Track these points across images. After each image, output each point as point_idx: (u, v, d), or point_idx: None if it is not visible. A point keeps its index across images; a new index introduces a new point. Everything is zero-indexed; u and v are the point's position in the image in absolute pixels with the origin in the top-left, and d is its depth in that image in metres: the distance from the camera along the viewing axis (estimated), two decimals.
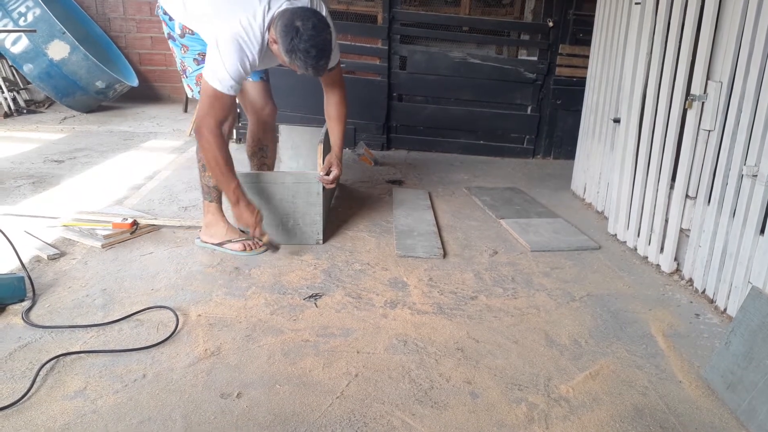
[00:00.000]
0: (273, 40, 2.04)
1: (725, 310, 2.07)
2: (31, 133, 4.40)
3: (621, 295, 2.23)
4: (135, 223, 2.52)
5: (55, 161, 3.63)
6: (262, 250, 2.42)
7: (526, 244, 2.65)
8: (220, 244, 2.39)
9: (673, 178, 2.42)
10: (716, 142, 2.14)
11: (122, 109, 5.55)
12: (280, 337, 1.82)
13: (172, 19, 2.22)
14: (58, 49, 4.82)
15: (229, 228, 2.41)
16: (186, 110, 5.54)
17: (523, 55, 4.58)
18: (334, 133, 2.51)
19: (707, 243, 2.18)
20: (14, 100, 5.03)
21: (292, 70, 2.09)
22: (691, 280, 2.32)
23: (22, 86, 5.24)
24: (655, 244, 2.51)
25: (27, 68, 4.87)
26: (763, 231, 1.92)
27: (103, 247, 2.37)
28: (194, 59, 2.28)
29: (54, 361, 1.62)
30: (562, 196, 3.50)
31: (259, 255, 2.39)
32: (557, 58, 4.19)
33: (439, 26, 4.35)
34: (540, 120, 4.36)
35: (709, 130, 2.17)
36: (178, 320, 1.86)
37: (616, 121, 2.93)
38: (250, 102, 2.53)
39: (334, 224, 2.78)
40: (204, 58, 2.24)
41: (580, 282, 2.33)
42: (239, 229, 2.45)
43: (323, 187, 2.45)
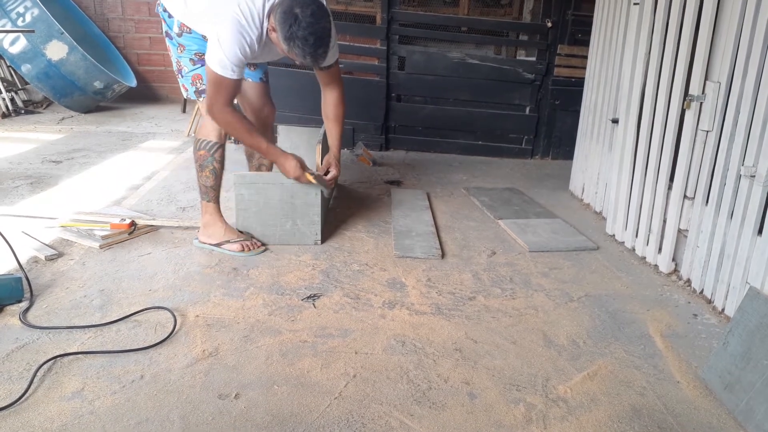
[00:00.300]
0: (272, 28, 2.04)
1: (723, 310, 2.08)
2: (29, 133, 4.39)
3: (619, 296, 2.23)
4: (133, 224, 2.52)
5: (53, 162, 3.63)
6: (261, 251, 2.42)
7: (524, 245, 2.65)
8: (218, 245, 2.39)
9: (672, 179, 2.42)
10: (714, 143, 2.14)
11: (120, 109, 5.54)
12: (279, 337, 1.82)
13: (171, 16, 2.22)
14: (57, 50, 4.81)
15: (227, 228, 2.41)
16: (184, 111, 5.53)
17: (522, 56, 4.59)
18: (333, 133, 2.51)
19: (705, 243, 2.18)
20: (12, 100, 5.03)
21: (291, 59, 2.09)
22: (689, 281, 2.32)
23: (20, 86, 5.24)
24: (653, 244, 2.51)
25: (25, 68, 4.87)
26: (761, 231, 1.92)
27: (101, 247, 2.36)
28: (190, 59, 2.28)
29: (51, 362, 1.62)
30: (561, 197, 3.50)
31: (258, 255, 2.39)
32: (556, 59, 4.19)
33: (438, 26, 4.35)
34: (538, 120, 4.36)
35: (708, 131, 2.17)
36: (176, 321, 1.86)
37: (615, 121, 2.93)
38: (248, 102, 2.53)
39: (332, 225, 2.77)
40: (200, 59, 2.25)
41: (579, 282, 2.33)
42: (237, 230, 2.45)
43: (322, 192, 2.44)
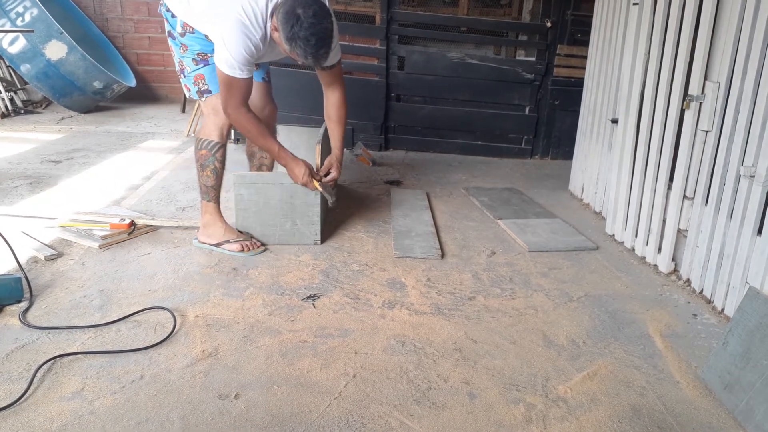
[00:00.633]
0: (274, 28, 2.05)
1: (723, 310, 2.08)
2: (28, 133, 4.39)
3: (619, 296, 2.23)
4: (132, 224, 2.52)
5: (53, 162, 3.63)
6: (260, 251, 2.42)
7: (524, 245, 2.65)
8: (218, 245, 2.39)
9: (671, 179, 2.42)
10: (714, 143, 2.14)
11: (120, 109, 5.54)
12: (278, 337, 1.82)
13: (174, 16, 2.22)
14: (56, 50, 4.81)
15: (227, 228, 2.41)
16: (184, 110, 5.53)
17: (521, 56, 4.59)
18: (335, 135, 2.50)
19: (705, 243, 2.19)
20: (11, 100, 5.02)
21: (293, 59, 2.09)
22: (688, 281, 2.32)
23: (20, 86, 5.23)
24: (653, 244, 2.51)
25: (24, 68, 4.87)
26: (760, 231, 1.92)
27: (101, 247, 2.36)
28: (193, 59, 2.27)
29: (51, 362, 1.62)
30: (560, 197, 3.50)
31: (257, 256, 2.39)
32: (555, 59, 4.19)
33: (437, 26, 4.35)
34: (538, 120, 4.36)
35: (707, 131, 2.18)
36: (175, 321, 1.86)
37: (614, 121, 2.93)
38: (251, 102, 2.52)
39: (332, 225, 2.77)
40: (203, 59, 2.25)
41: (578, 282, 2.33)
42: (237, 230, 2.45)
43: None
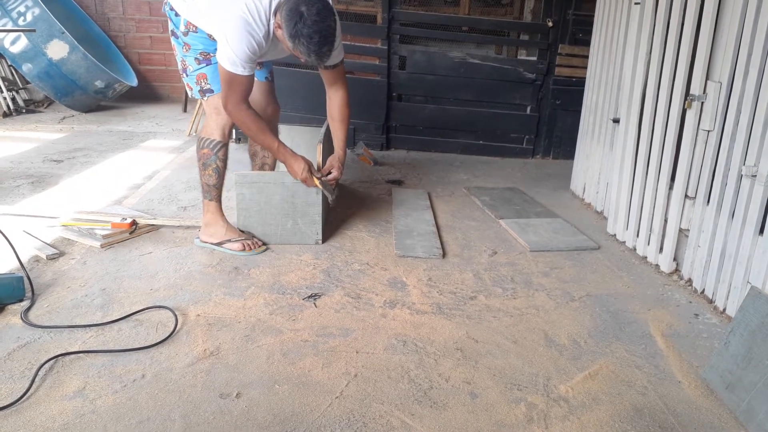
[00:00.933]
0: (278, 26, 2.05)
1: (724, 310, 2.07)
2: (30, 132, 4.40)
3: (620, 295, 2.23)
4: (134, 223, 2.52)
5: (54, 161, 3.63)
6: (262, 250, 2.42)
7: (525, 244, 2.65)
8: (220, 244, 2.39)
9: (673, 178, 2.42)
10: (715, 142, 2.14)
11: (121, 108, 5.54)
12: (280, 337, 1.82)
13: (178, 15, 2.22)
14: (57, 49, 4.81)
15: (229, 227, 2.41)
16: (185, 110, 5.53)
17: (523, 55, 4.59)
18: (338, 135, 2.50)
19: (706, 243, 2.18)
20: (13, 99, 5.03)
21: (297, 57, 2.09)
22: (690, 280, 2.32)
23: (21, 86, 5.24)
24: (655, 244, 2.51)
25: (26, 68, 4.87)
26: (762, 231, 1.92)
27: (102, 246, 2.37)
28: (195, 58, 2.28)
29: (53, 361, 1.62)
30: (562, 196, 3.50)
31: (259, 255, 2.39)
32: (557, 58, 4.19)
33: (439, 26, 4.34)
34: (539, 120, 4.36)
35: (709, 130, 2.17)
36: (177, 320, 1.86)
37: (616, 121, 2.93)
38: (253, 101, 2.52)
39: (333, 224, 2.77)
40: (206, 58, 2.25)
41: (580, 282, 2.33)
42: (238, 229, 2.45)
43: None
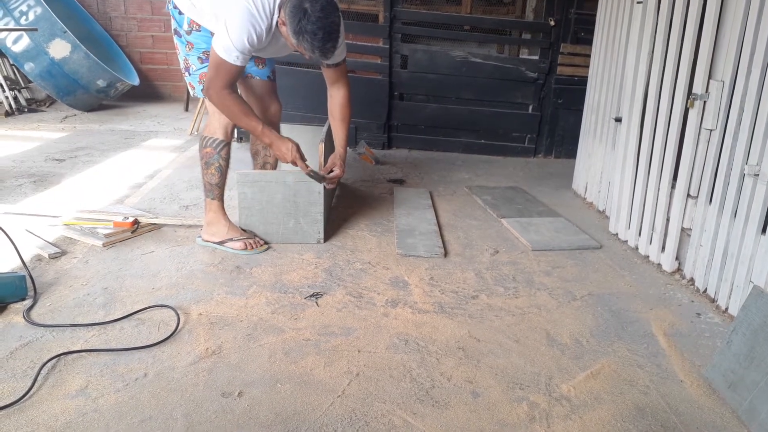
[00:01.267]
0: (282, 22, 2.04)
1: (726, 309, 2.07)
2: (32, 131, 4.40)
3: (622, 295, 2.23)
4: (136, 222, 2.52)
5: (57, 160, 3.64)
6: (264, 249, 2.42)
7: (527, 244, 2.65)
8: (221, 243, 2.39)
9: (675, 178, 2.41)
10: (718, 142, 2.14)
11: (123, 107, 5.55)
12: (282, 336, 1.82)
13: (181, 13, 2.22)
14: (60, 48, 4.82)
15: (231, 227, 2.41)
16: (187, 109, 5.54)
17: (525, 54, 4.58)
18: (339, 134, 2.50)
19: (708, 242, 2.18)
20: (15, 98, 5.04)
21: (300, 54, 2.09)
22: (692, 280, 2.32)
23: (24, 85, 5.25)
24: (657, 243, 2.50)
25: (28, 67, 4.88)
26: (764, 230, 1.92)
27: (104, 245, 2.37)
28: (198, 57, 2.28)
29: (55, 359, 1.63)
30: (564, 196, 3.50)
31: (260, 254, 2.40)
32: (559, 57, 4.18)
33: (441, 25, 4.34)
34: (541, 119, 4.36)
35: (711, 129, 2.17)
36: (179, 319, 1.86)
37: (618, 120, 2.93)
38: (256, 100, 2.53)
39: (335, 223, 2.77)
40: (208, 57, 2.24)
41: (582, 281, 2.33)
42: (240, 228, 2.45)
43: (324, 187, 2.45)
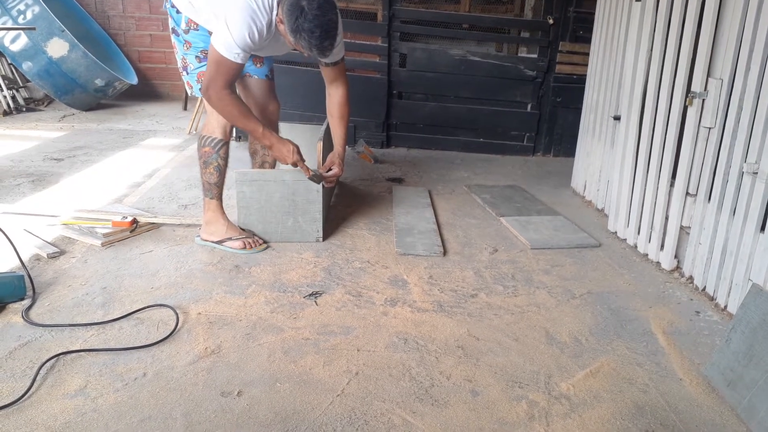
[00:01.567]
0: (280, 20, 2.04)
1: (726, 307, 2.07)
2: (30, 131, 4.39)
3: (621, 293, 2.23)
4: (135, 222, 2.52)
5: (55, 159, 3.63)
6: (262, 248, 2.42)
7: (526, 242, 2.65)
8: (220, 242, 2.39)
9: (674, 176, 2.41)
10: (717, 140, 2.14)
11: (121, 107, 5.54)
12: (281, 335, 1.82)
13: (179, 12, 2.21)
14: (57, 47, 4.81)
15: (229, 226, 2.41)
16: (185, 108, 5.53)
17: (524, 53, 4.58)
18: (337, 133, 2.50)
19: (707, 240, 2.18)
20: (13, 98, 5.03)
21: (298, 51, 2.09)
22: (691, 278, 2.32)
23: (21, 84, 5.23)
24: (656, 241, 2.51)
25: (26, 66, 4.87)
26: (763, 228, 1.92)
27: (103, 245, 2.36)
28: (196, 56, 2.27)
29: (54, 359, 1.62)
30: (562, 194, 3.50)
31: (259, 253, 2.39)
32: (557, 56, 4.18)
33: (439, 23, 4.34)
34: (540, 117, 4.36)
35: (710, 128, 2.17)
36: (178, 318, 1.86)
37: (617, 118, 2.93)
38: (254, 99, 2.52)
39: (334, 222, 2.77)
40: (206, 56, 2.24)
41: (581, 279, 2.33)
42: (239, 228, 2.45)
43: (322, 186, 2.45)
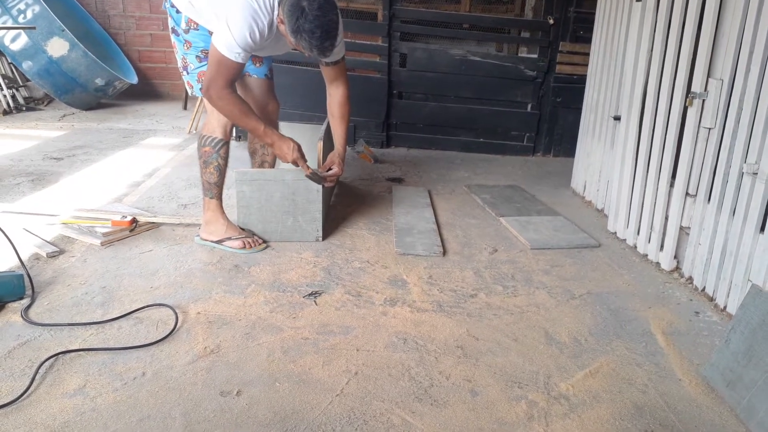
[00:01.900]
0: (280, 21, 2.04)
1: (725, 308, 2.07)
2: (30, 130, 4.39)
3: (621, 293, 2.23)
4: (134, 221, 2.52)
5: (55, 158, 3.63)
6: (262, 248, 2.42)
7: (525, 242, 2.65)
8: (220, 242, 2.39)
9: (674, 176, 2.41)
10: (717, 140, 2.14)
11: (121, 106, 5.54)
12: (280, 335, 1.82)
13: (179, 12, 2.21)
14: (58, 47, 4.81)
15: (229, 225, 2.41)
16: (185, 107, 5.53)
17: (524, 53, 4.58)
18: (338, 132, 2.50)
19: (707, 241, 2.18)
20: (13, 97, 5.02)
21: (299, 52, 2.09)
22: (690, 278, 2.32)
23: (22, 83, 5.23)
24: (655, 242, 2.50)
25: (26, 65, 4.87)
26: (763, 229, 1.92)
27: (103, 244, 2.36)
28: (196, 56, 2.27)
29: (53, 359, 1.62)
30: (562, 194, 3.50)
31: (259, 253, 2.39)
32: (558, 56, 4.18)
33: (440, 23, 4.35)
34: (540, 118, 4.36)
35: (710, 128, 2.17)
36: (177, 318, 1.86)
37: (617, 118, 2.92)
38: (253, 99, 2.52)
39: (333, 222, 2.77)
40: (207, 56, 2.24)
41: (580, 280, 2.33)
42: (239, 227, 2.45)
43: (322, 185, 2.45)
